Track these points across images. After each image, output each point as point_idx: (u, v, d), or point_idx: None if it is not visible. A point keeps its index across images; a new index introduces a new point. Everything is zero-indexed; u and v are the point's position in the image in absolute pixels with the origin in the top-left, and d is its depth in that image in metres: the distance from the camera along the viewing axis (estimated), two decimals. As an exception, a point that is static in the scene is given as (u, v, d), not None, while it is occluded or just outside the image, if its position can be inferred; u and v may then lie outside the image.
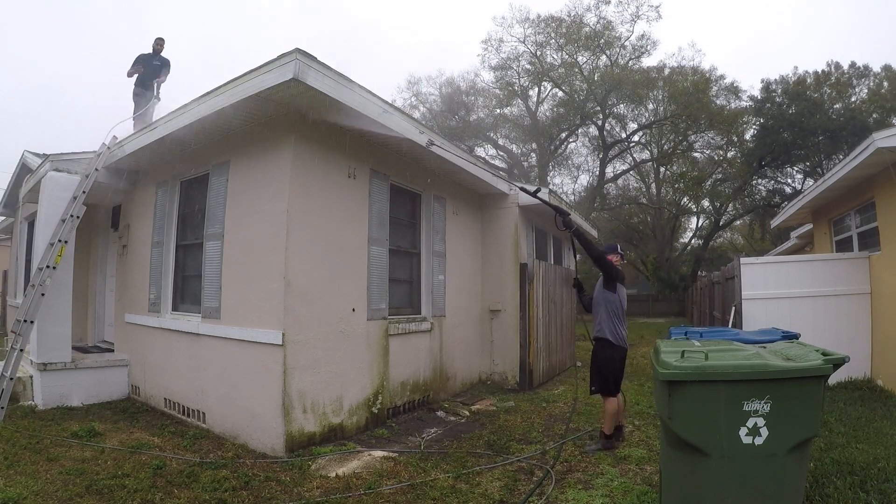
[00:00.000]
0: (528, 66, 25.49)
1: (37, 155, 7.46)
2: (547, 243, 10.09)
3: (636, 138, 28.21)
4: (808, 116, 22.77)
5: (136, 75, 8.27)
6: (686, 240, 35.99)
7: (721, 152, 27.29)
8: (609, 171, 28.60)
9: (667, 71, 25.13)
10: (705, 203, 30.20)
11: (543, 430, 5.16)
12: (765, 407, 2.42)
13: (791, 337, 4.18)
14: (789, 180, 27.58)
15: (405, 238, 6.51)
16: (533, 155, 28.66)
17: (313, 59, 4.02)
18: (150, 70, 8.37)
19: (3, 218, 12.21)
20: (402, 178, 6.20)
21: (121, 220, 7.12)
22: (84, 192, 5.84)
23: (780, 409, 2.41)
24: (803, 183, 25.51)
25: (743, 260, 7.94)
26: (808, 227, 11.10)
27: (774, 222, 12.37)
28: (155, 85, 8.40)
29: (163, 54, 8.60)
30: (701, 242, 32.49)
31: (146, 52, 8.48)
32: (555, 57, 24.93)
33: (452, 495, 3.48)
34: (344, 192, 5.14)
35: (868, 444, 4.22)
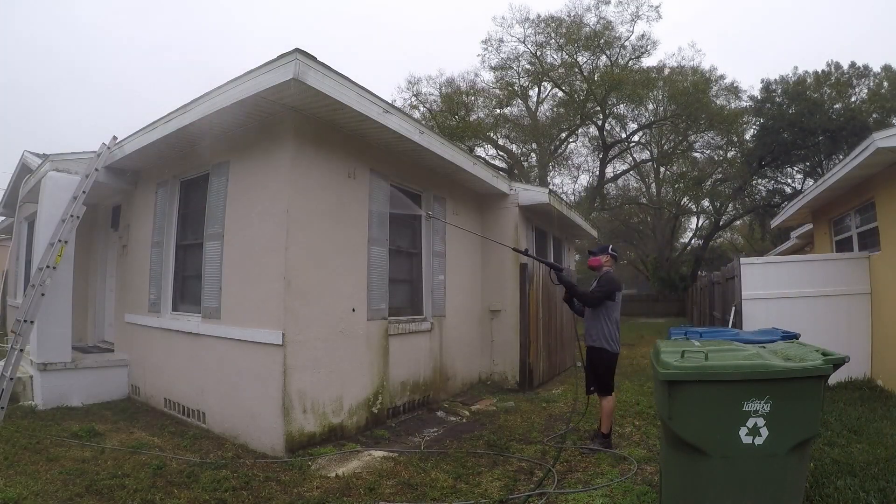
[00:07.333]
0: (528, 66, 25.44)
1: (37, 155, 7.46)
2: (547, 243, 10.08)
3: (636, 138, 28.18)
4: (808, 116, 22.76)
5: None
6: (686, 240, 35.98)
7: (721, 152, 27.26)
8: (609, 171, 28.56)
9: (667, 71, 25.08)
10: (705, 203, 30.20)
11: (543, 431, 5.16)
12: (765, 407, 2.42)
13: (791, 337, 4.19)
14: (789, 180, 27.60)
15: (405, 238, 6.50)
16: (533, 155, 28.63)
17: (313, 59, 4.02)
18: None
19: (3, 218, 12.20)
20: (402, 178, 6.20)
21: (121, 220, 7.13)
22: (84, 192, 5.84)
23: (780, 409, 2.41)
24: (803, 183, 25.50)
25: (743, 260, 7.94)
26: (808, 227, 11.10)
27: (774, 222, 12.37)
28: None
29: None
30: (701, 242, 32.50)
31: None
32: (555, 57, 24.87)
33: (452, 495, 3.48)
34: (344, 192, 5.14)
35: (868, 444, 4.22)
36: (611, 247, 4.97)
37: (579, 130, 26.79)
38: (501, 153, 28.48)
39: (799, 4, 58.08)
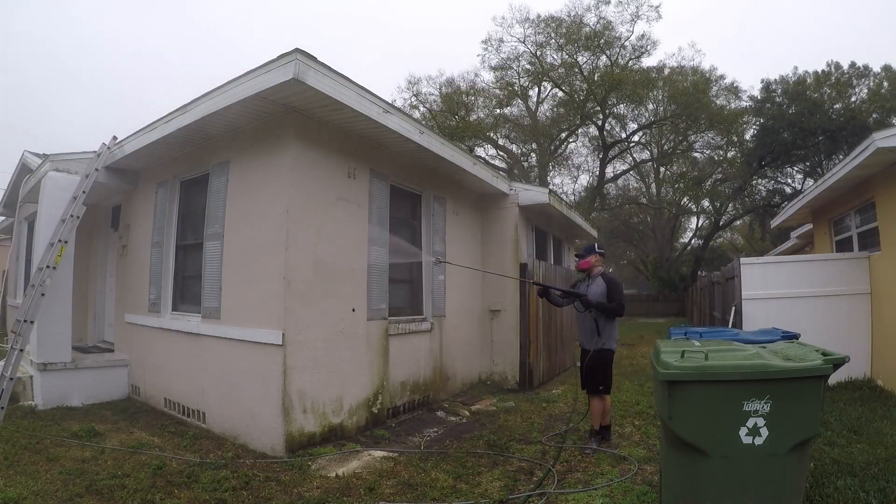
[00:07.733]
0: (528, 66, 25.45)
1: (37, 155, 7.45)
2: (547, 243, 10.09)
3: (636, 138, 28.20)
4: (808, 116, 22.75)
5: None
6: (686, 240, 36.00)
7: (721, 152, 27.28)
8: (609, 171, 28.58)
9: (667, 71, 25.11)
10: (705, 203, 30.20)
11: (543, 430, 5.16)
12: (765, 407, 2.42)
13: (791, 337, 4.18)
14: (789, 180, 27.60)
15: (405, 238, 6.50)
16: (533, 155, 28.64)
17: (313, 59, 4.02)
18: None
19: (3, 218, 12.20)
20: (402, 178, 6.20)
21: (121, 220, 7.13)
22: (84, 192, 5.83)
23: (780, 409, 2.41)
24: (803, 183, 25.50)
25: (743, 260, 7.94)
26: (808, 227, 11.10)
27: (774, 222, 12.37)
28: None
29: None
30: (701, 242, 32.50)
31: None
32: (555, 57, 24.88)
33: (452, 495, 3.48)
34: (344, 192, 5.14)
35: (868, 444, 4.22)
36: (596, 245, 4.93)
37: (579, 130, 26.81)
38: (501, 153, 28.50)
39: (799, 4, 58.14)
